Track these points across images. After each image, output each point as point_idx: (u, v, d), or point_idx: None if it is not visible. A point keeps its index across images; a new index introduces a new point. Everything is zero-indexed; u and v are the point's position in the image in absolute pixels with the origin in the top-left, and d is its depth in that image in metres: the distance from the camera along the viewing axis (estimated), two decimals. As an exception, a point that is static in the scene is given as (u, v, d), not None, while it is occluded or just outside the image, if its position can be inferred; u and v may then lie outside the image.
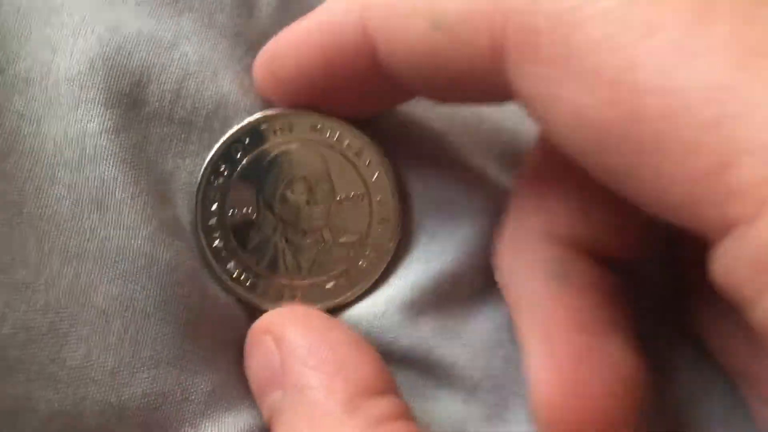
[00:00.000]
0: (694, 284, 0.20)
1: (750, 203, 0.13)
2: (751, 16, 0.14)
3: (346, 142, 0.21)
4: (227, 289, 0.21)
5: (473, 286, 0.22)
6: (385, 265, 0.21)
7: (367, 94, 0.21)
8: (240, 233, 0.21)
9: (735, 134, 0.13)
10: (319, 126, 0.21)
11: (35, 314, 0.18)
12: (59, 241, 0.19)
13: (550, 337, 0.19)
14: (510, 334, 0.21)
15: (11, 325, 0.18)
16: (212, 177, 0.21)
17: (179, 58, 0.21)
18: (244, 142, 0.21)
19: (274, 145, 0.21)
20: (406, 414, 0.18)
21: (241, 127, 0.21)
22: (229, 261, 0.21)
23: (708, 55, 0.14)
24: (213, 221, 0.21)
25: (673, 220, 0.15)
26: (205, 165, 0.21)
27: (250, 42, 0.22)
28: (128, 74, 0.21)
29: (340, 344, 0.19)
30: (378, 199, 0.21)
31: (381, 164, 0.21)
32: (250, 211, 0.21)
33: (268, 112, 0.21)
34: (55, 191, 0.20)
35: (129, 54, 0.21)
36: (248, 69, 0.22)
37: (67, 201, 0.20)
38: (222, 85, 0.22)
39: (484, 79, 0.17)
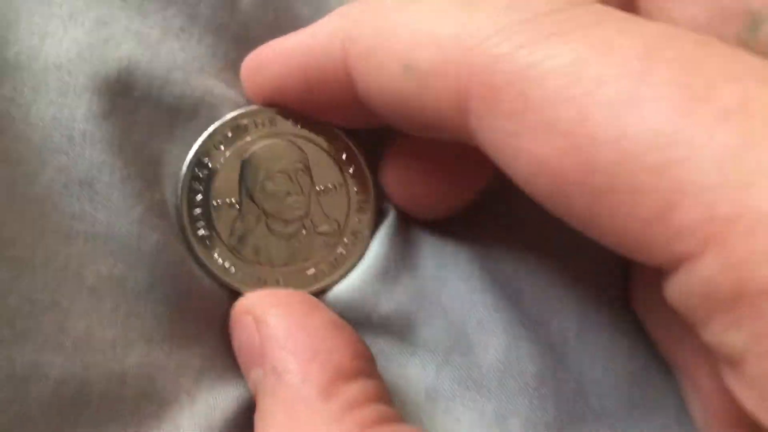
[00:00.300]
0: (637, 274, 0.22)
1: (694, 242, 0.14)
2: (695, 62, 0.15)
3: (324, 137, 0.23)
4: (212, 276, 0.22)
5: (445, 250, 0.23)
6: (363, 251, 0.22)
7: (346, 114, 0.22)
8: (224, 223, 0.22)
9: (678, 177, 0.14)
10: (299, 124, 0.22)
11: (36, 291, 0.18)
12: (51, 222, 0.19)
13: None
14: (483, 297, 0.22)
15: (17, 297, 0.18)
16: (196, 168, 0.22)
17: (166, 53, 0.22)
18: (226, 135, 0.22)
19: (256, 138, 0.22)
20: (382, 396, 0.19)
21: (225, 121, 0.22)
22: (214, 249, 0.21)
23: (652, 103, 0.14)
24: (197, 211, 0.22)
25: (631, 256, 0.16)
26: (189, 157, 0.22)
27: (233, 35, 0.23)
28: (117, 61, 0.21)
29: (319, 328, 0.19)
30: (355, 189, 0.23)
31: (357, 156, 0.23)
32: (233, 201, 0.22)
33: (251, 107, 0.23)
34: (46, 174, 0.20)
35: (118, 45, 0.21)
36: (232, 65, 0.23)
37: (57, 184, 0.20)
38: (207, 79, 0.22)
39: (450, 125, 0.18)
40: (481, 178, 0.22)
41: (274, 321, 0.19)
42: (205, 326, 0.21)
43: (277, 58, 0.21)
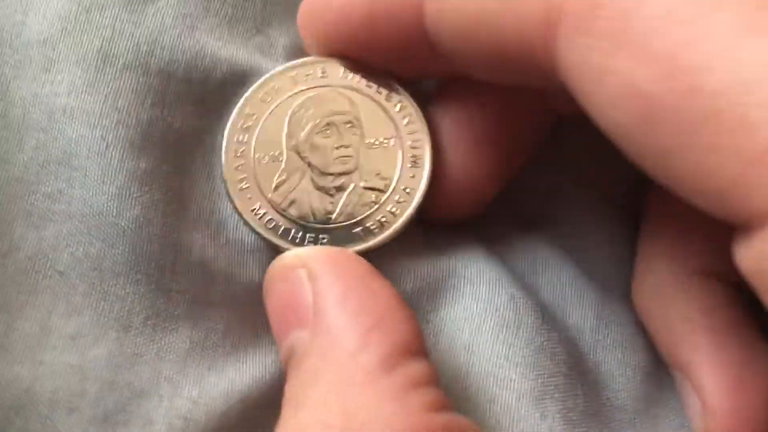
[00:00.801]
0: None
1: None
2: None
3: (376, 87, 0.21)
4: (253, 231, 0.20)
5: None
6: (413, 209, 0.20)
7: (408, 58, 0.20)
8: (266, 176, 0.20)
9: None
10: (350, 74, 0.21)
11: None
12: (25, 205, 0.19)
13: (715, 349, 0.19)
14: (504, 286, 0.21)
15: None
16: (241, 122, 0.21)
17: (154, 14, 0.20)
18: (274, 88, 0.21)
19: (305, 89, 0.21)
20: (437, 381, 0.17)
21: (273, 74, 0.21)
22: (255, 203, 0.20)
23: None
24: (240, 163, 0.20)
25: (707, 205, 0.15)
26: (236, 109, 0.21)
27: None
28: (101, 29, 0.20)
29: (380, 295, 0.17)
30: (409, 143, 0.21)
31: (412, 108, 0.21)
32: (277, 154, 0.20)
33: (302, 59, 0.21)
34: (23, 155, 0.19)
35: (101, 10, 0.20)
36: (227, 20, 0.21)
37: (34, 163, 0.19)
38: (200, 38, 0.21)
39: (530, 51, 0.17)
40: (516, 163, 0.22)
41: (333, 278, 0.17)
42: (195, 305, 0.19)
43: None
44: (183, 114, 0.20)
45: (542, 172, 0.23)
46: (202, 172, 0.20)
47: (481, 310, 0.20)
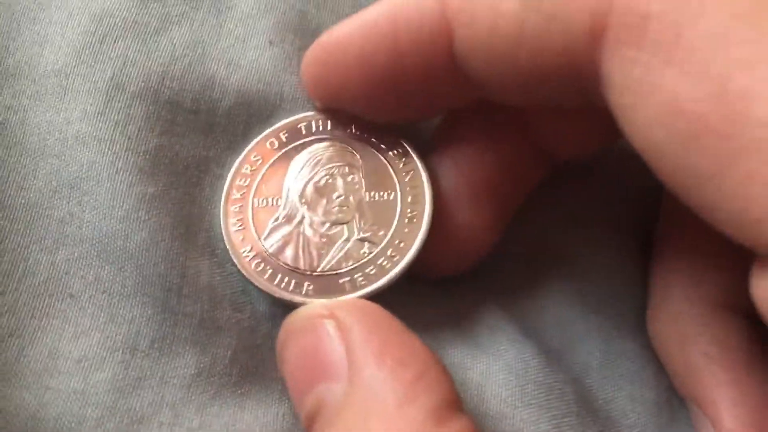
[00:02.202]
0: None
1: None
2: None
3: (384, 141, 0.21)
4: (240, 273, 0.20)
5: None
6: (405, 265, 0.20)
7: (431, 90, 0.20)
8: (262, 220, 0.20)
9: None
10: (357, 128, 0.21)
11: (3, 313, 0.18)
12: (39, 230, 0.19)
13: (735, 385, 0.20)
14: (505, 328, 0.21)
15: None
16: (245, 167, 0.21)
17: (165, 44, 0.21)
18: (281, 137, 0.21)
19: (311, 140, 0.21)
20: None
21: (283, 124, 0.21)
22: (247, 245, 0.20)
23: None
24: (236, 207, 0.20)
25: (739, 233, 0.15)
26: (241, 156, 0.21)
27: (241, 14, 0.22)
28: (113, 60, 0.20)
29: (418, 349, 0.17)
30: (409, 199, 0.20)
31: (416, 163, 0.21)
32: (276, 200, 0.21)
33: (308, 113, 0.21)
34: (37, 181, 0.19)
35: (114, 41, 0.21)
36: (240, 39, 0.22)
37: (47, 189, 0.19)
38: (209, 67, 0.21)
39: (572, 67, 0.16)
40: (511, 209, 0.22)
41: (367, 329, 0.17)
42: (203, 329, 0.19)
43: (357, 27, 0.19)
44: (191, 143, 0.21)
45: (539, 212, 0.23)
46: (210, 201, 0.21)
47: (486, 354, 0.20)
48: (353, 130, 0.21)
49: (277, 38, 0.22)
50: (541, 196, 0.22)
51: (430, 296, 0.21)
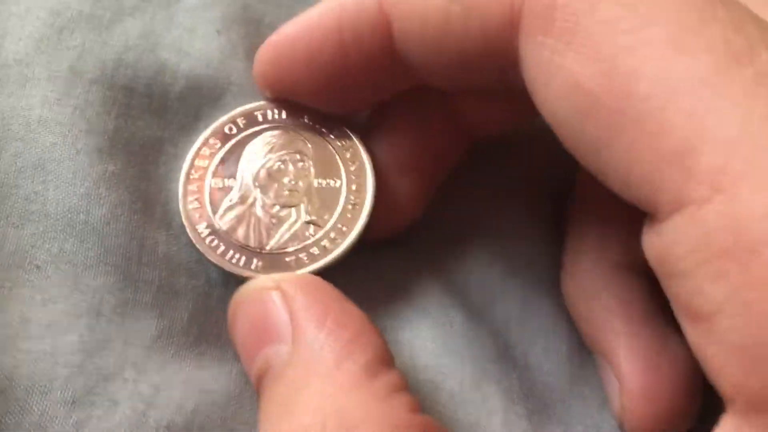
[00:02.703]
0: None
1: (703, 188, 0.15)
2: (741, 26, 0.16)
3: (333, 132, 0.23)
4: (194, 246, 0.21)
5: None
6: (345, 248, 0.22)
7: (374, 80, 0.21)
8: (217, 201, 0.22)
9: (705, 125, 0.15)
10: (309, 118, 0.23)
11: None
12: (5, 207, 0.20)
13: (632, 336, 0.21)
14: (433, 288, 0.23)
15: None
16: (204, 149, 0.22)
17: (119, 34, 0.23)
18: (238, 123, 0.23)
19: (266, 127, 0.23)
20: (408, 387, 0.19)
21: (240, 111, 0.23)
22: (202, 222, 0.22)
23: (697, 54, 0.15)
24: (194, 186, 0.22)
25: (628, 194, 0.17)
26: (200, 139, 0.22)
27: (189, 6, 0.24)
28: (70, 50, 0.22)
29: (353, 314, 0.19)
30: (353, 187, 0.22)
31: (360, 154, 0.23)
32: (231, 182, 0.22)
33: (265, 101, 0.23)
34: (2, 163, 0.21)
35: (71, 33, 0.22)
36: (189, 29, 0.23)
37: (13, 169, 0.21)
38: (160, 55, 0.23)
39: (493, 52, 0.18)
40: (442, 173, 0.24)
41: (308, 299, 0.19)
42: (162, 296, 0.21)
43: (305, 23, 0.21)
44: (145, 125, 0.22)
45: (465, 185, 0.25)
46: (165, 178, 0.22)
47: (415, 314, 0.22)
48: (305, 119, 0.23)
49: (223, 28, 0.24)
50: (466, 170, 0.24)
51: (370, 266, 0.23)
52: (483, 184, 0.25)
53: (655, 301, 0.22)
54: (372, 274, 0.23)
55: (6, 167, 0.21)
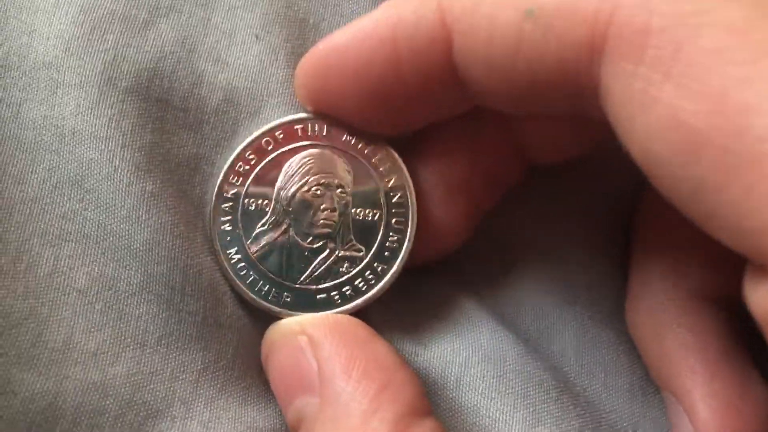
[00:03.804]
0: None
1: None
2: None
3: (377, 156, 0.21)
4: (222, 271, 0.21)
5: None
6: (378, 290, 0.21)
7: (428, 99, 0.20)
8: (249, 224, 0.21)
9: None
10: (353, 137, 0.21)
11: (14, 300, 0.18)
12: (40, 224, 0.19)
13: (711, 376, 0.20)
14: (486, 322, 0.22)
15: None
16: (239, 164, 0.21)
17: (154, 39, 0.21)
18: (276, 137, 0.21)
19: (306, 144, 0.21)
20: None
21: (279, 123, 0.21)
22: (233, 246, 0.21)
23: None
24: (227, 206, 0.21)
25: (737, 243, 0.15)
26: (234, 153, 0.21)
27: (227, 5, 0.22)
28: (102, 53, 0.21)
29: (384, 359, 0.18)
30: (393, 221, 0.21)
31: (405, 183, 0.21)
32: (265, 204, 0.21)
33: (304, 114, 0.21)
34: (37, 175, 0.20)
35: (103, 34, 0.21)
36: (225, 35, 0.22)
37: (47, 185, 0.20)
38: (197, 65, 0.22)
39: (568, 78, 0.17)
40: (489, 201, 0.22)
41: (336, 345, 0.18)
42: (207, 327, 0.20)
43: (355, 35, 0.19)
44: (180, 140, 0.21)
45: (514, 207, 0.24)
46: (200, 200, 0.21)
47: (465, 346, 0.21)
48: (346, 137, 0.21)
49: (263, 32, 0.23)
50: (515, 192, 0.23)
51: (411, 294, 0.22)
52: (536, 206, 0.24)
53: (734, 337, 0.21)
54: (414, 303, 0.22)
55: (39, 181, 0.20)
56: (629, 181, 0.18)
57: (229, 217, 0.21)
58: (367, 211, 0.21)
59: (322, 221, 0.21)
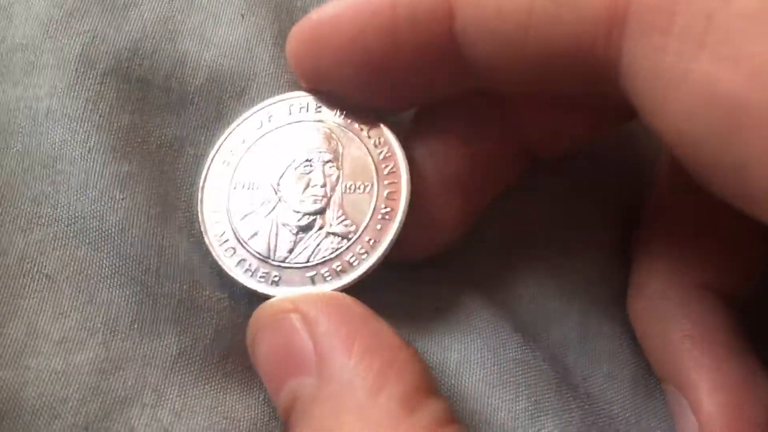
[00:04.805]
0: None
1: None
2: None
3: (367, 129, 0.20)
4: (208, 251, 0.20)
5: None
6: (371, 265, 0.19)
7: (427, 75, 0.19)
8: (238, 205, 0.20)
9: None
10: (344, 112, 0.20)
11: None
12: (12, 210, 0.19)
13: (716, 369, 0.19)
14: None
15: None
16: (226, 144, 0.21)
17: (135, 19, 0.21)
18: (265, 117, 0.21)
19: (297, 121, 0.20)
20: (456, 417, 0.17)
21: (268, 103, 0.21)
22: (221, 229, 0.20)
23: None
24: (216, 187, 0.20)
25: None
26: (224, 134, 0.21)
27: None
28: (81, 35, 0.20)
29: (385, 336, 0.17)
30: (385, 194, 0.20)
31: (397, 156, 0.20)
32: (253, 184, 0.20)
33: (300, 92, 0.21)
34: (9, 160, 0.19)
35: (82, 15, 0.20)
36: (210, 15, 0.21)
37: (20, 168, 0.19)
38: (180, 44, 0.21)
39: (584, 55, 0.16)
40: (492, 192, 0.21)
41: (333, 320, 0.17)
42: (183, 310, 0.19)
43: (351, 5, 0.18)
44: (162, 122, 0.20)
45: (514, 200, 0.23)
46: (185, 181, 0.20)
47: (463, 334, 0.20)
48: (338, 113, 0.20)
49: (248, 12, 0.22)
50: (516, 186, 0.22)
51: (406, 282, 0.21)
52: (535, 197, 0.23)
53: (740, 329, 0.20)
54: (411, 291, 0.21)
55: (12, 165, 0.19)
56: (632, 173, 0.16)
57: (217, 199, 0.20)
58: (358, 184, 0.20)
59: (311, 197, 0.20)
